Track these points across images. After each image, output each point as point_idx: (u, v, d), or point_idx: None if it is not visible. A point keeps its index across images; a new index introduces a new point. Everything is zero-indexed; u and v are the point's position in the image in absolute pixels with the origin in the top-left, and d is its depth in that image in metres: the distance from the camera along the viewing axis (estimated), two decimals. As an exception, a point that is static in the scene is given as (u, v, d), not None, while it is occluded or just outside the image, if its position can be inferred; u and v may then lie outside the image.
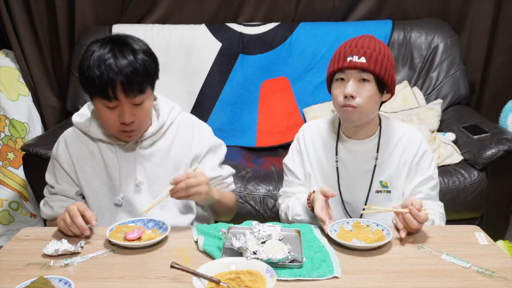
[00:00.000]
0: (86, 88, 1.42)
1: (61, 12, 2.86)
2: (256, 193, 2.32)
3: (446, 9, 2.92)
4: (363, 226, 1.39)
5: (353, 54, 1.44)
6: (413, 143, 1.55)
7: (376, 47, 1.45)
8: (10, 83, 2.82)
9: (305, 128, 1.67)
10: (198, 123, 1.66)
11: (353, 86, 1.44)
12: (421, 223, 1.34)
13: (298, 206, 1.55)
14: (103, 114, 1.43)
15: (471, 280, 1.17)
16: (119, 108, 1.41)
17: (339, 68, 1.46)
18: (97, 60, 1.36)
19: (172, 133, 1.59)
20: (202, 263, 1.18)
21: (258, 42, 2.84)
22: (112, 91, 1.36)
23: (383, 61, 1.44)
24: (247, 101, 2.85)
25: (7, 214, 2.72)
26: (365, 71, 1.43)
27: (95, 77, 1.36)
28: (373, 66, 1.43)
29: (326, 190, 1.42)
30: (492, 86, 2.98)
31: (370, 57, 1.43)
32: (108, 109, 1.41)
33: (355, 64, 1.43)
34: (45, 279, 1.13)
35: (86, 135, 1.56)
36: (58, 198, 1.56)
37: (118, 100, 1.38)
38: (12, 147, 2.73)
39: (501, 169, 2.29)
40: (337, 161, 1.58)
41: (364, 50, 1.44)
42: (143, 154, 1.55)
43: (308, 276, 1.18)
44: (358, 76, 1.44)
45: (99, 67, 1.36)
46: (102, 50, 1.38)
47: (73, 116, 1.60)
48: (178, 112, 1.64)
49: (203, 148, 1.61)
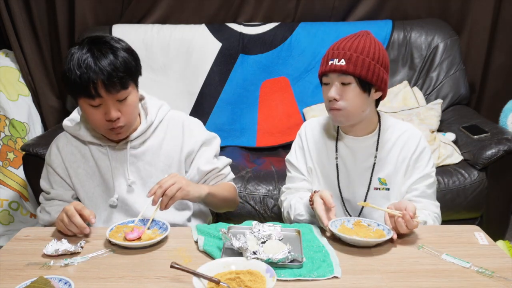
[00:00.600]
0: (69, 90, 1.43)
1: (61, 12, 2.86)
2: (256, 193, 2.32)
3: (446, 9, 2.92)
4: (364, 226, 1.39)
5: (334, 57, 1.45)
6: (412, 140, 1.56)
7: (358, 47, 1.44)
8: (10, 83, 2.82)
9: (307, 124, 1.68)
10: (188, 119, 1.66)
11: (335, 89, 1.45)
12: (410, 230, 1.35)
13: (301, 206, 1.56)
14: (89, 114, 1.44)
15: (471, 280, 1.17)
16: (103, 105, 1.42)
17: (322, 72, 1.48)
18: (77, 62, 1.38)
19: (161, 131, 1.60)
20: (202, 263, 1.18)
21: (258, 42, 2.84)
22: (93, 89, 1.37)
23: (364, 61, 1.43)
24: (247, 101, 2.84)
25: (7, 214, 2.72)
26: (344, 74, 1.44)
27: (76, 78, 1.37)
28: (352, 68, 1.43)
29: (325, 196, 1.41)
30: (492, 86, 2.98)
31: (350, 59, 1.43)
32: (93, 108, 1.42)
33: (335, 67, 1.44)
34: (45, 279, 1.13)
35: (77, 139, 1.57)
36: (55, 203, 1.56)
37: (101, 97, 1.39)
38: (12, 147, 2.73)
39: (501, 169, 2.29)
40: (337, 158, 1.59)
41: (345, 52, 1.44)
42: (134, 153, 1.56)
43: (308, 276, 1.18)
44: (340, 79, 1.45)
45: (79, 68, 1.37)
46: (80, 51, 1.39)
47: (63, 121, 1.61)
48: (167, 110, 1.64)
49: (196, 144, 1.61)
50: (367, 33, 1.50)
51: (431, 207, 1.54)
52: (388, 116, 1.61)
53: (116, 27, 2.88)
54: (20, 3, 2.78)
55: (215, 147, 1.66)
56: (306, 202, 1.52)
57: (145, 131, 1.56)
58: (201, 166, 1.61)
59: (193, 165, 1.62)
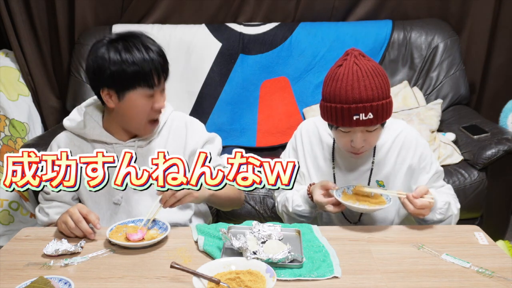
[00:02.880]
0: (123, 81, 1.43)
1: (61, 12, 2.86)
2: (256, 193, 2.32)
3: (446, 9, 2.91)
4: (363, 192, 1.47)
5: (359, 112, 1.36)
6: (410, 140, 1.56)
7: (378, 93, 1.37)
8: (10, 83, 2.82)
9: (303, 126, 1.67)
10: (190, 119, 1.68)
11: (360, 139, 1.42)
12: (420, 208, 1.38)
13: (298, 197, 1.56)
14: (140, 105, 1.47)
15: (471, 280, 1.17)
16: (155, 95, 1.47)
17: (345, 126, 1.40)
18: (127, 52, 1.41)
19: (166, 131, 1.61)
20: (202, 263, 1.18)
21: (258, 42, 2.84)
22: (156, 76, 1.44)
23: (387, 106, 1.39)
24: (247, 101, 2.84)
25: (7, 214, 2.72)
26: (372, 125, 1.40)
27: (137, 63, 1.40)
28: (381, 119, 1.39)
29: (326, 184, 1.44)
30: (492, 86, 2.97)
31: (377, 111, 1.37)
32: (146, 98, 1.46)
33: (363, 122, 1.37)
34: (45, 279, 1.13)
35: (80, 137, 1.57)
36: (55, 204, 1.56)
37: (158, 86, 1.46)
38: (12, 147, 2.73)
39: (501, 169, 2.29)
40: (333, 164, 1.59)
41: (370, 105, 1.36)
42: (141, 153, 1.56)
43: (308, 276, 1.18)
44: (365, 128, 1.41)
45: (134, 56, 1.41)
46: (120, 45, 1.42)
47: (63, 121, 1.60)
48: (170, 111, 1.66)
49: (198, 142, 1.62)
50: (362, 55, 1.41)
51: (448, 191, 1.57)
52: None
53: (116, 27, 2.87)
54: (20, 3, 2.78)
55: (218, 145, 1.67)
56: (304, 194, 1.53)
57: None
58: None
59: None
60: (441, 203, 1.45)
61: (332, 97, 1.39)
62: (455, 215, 1.51)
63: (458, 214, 1.53)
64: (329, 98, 1.40)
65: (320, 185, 1.46)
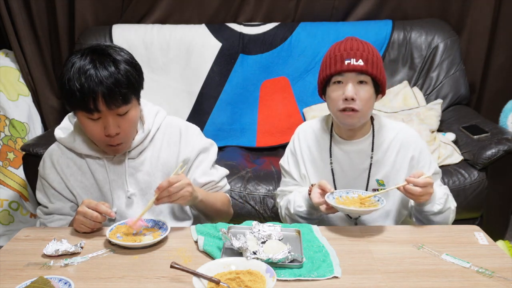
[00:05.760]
0: (67, 101, 1.37)
1: (61, 12, 2.86)
2: (256, 193, 2.32)
3: (446, 9, 2.92)
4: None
5: (351, 57, 1.44)
6: (410, 140, 1.56)
7: (370, 50, 1.47)
8: (10, 83, 2.82)
9: (299, 129, 1.68)
10: (185, 125, 1.61)
11: (353, 88, 1.45)
12: (423, 186, 1.37)
13: (300, 198, 1.57)
14: (87, 126, 1.39)
15: (471, 280, 1.17)
16: (102, 119, 1.37)
17: (337, 71, 1.46)
18: (77, 72, 1.32)
19: (159, 139, 1.55)
20: (202, 263, 1.18)
21: (258, 42, 2.84)
22: (93, 103, 1.32)
23: (378, 64, 1.47)
24: (247, 101, 2.85)
25: (7, 214, 2.72)
26: (363, 73, 1.44)
27: (76, 90, 1.32)
28: (371, 68, 1.44)
29: (323, 184, 1.45)
30: (492, 86, 2.98)
31: (367, 60, 1.44)
32: (91, 121, 1.37)
33: (354, 67, 1.44)
34: (45, 279, 1.13)
35: (72, 151, 1.52)
36: (56, 218, 1.54)
37: (99, 112, 1.34)
38: (12, 147, 2.73)
39: (501, 169, 2.29)
40: (331, 162, 1.59)
41: (361, 53, 1.45)
42: (133, 165, 1.52)
43: (308, 276, 1.18)
44: (356, 79, 1.45)
45: (79, 79, 1.32)
46: (82, 61, 1.34)
47: (55, 130, 1.55)
48: (163, 116, 1.59)
49: (192, 152, 1.57)
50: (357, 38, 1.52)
51: (445, 191, 1.56)
52: (380, 116, 1.61)
53: (116, 27, 2.88)
54: (20, 3, 2.78)
55: (213, 156, 1.62)
56: (305, 194, 1.53)
57: (143, 140, 1.51)
58: (197, 178, 1.57)
59: (190, 176, 1.57)
60: (440, 193, 1.47)
61: (327, 53, 1.51)
62: (452, 210, 1.52)
63: (455, 211, 1.54)
64: (324, 57, 1.51)
65: (318, 185, 1.47)
